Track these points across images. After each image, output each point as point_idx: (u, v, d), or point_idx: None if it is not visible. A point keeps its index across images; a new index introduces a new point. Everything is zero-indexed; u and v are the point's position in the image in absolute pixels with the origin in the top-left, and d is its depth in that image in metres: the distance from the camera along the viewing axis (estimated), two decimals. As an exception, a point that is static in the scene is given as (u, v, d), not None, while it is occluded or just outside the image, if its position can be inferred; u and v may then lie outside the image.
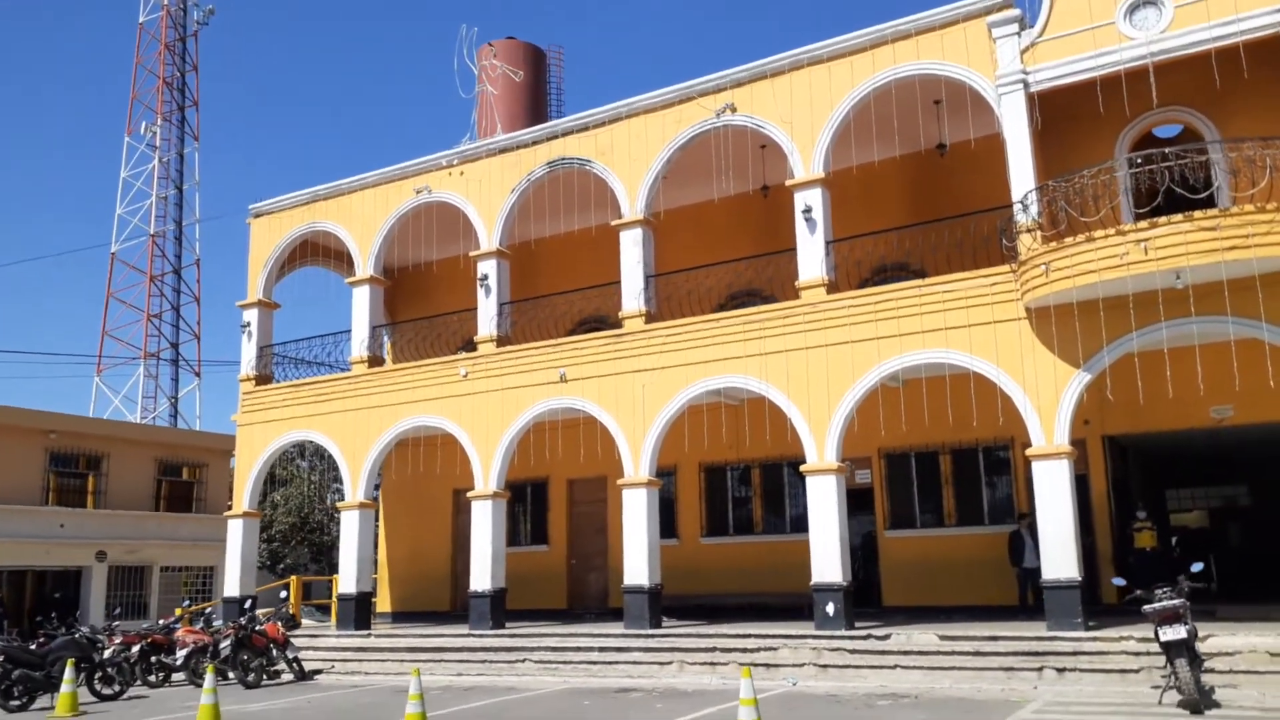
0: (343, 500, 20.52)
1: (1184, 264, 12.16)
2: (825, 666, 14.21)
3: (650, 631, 16.12)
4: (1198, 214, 12.23)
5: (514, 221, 19.30)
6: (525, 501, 22.12)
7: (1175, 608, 10.33)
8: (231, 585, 20.96)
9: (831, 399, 15.34)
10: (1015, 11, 14.57)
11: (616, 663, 15.79)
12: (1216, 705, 10.41)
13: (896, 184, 18.34)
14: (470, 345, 19.94)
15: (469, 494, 18.70)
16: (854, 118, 16.04)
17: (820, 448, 15.37)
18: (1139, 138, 15.88)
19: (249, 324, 21.76)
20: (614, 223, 17.82)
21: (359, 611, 19.44)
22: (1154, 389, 14.05)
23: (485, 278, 18.99)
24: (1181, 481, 26.06)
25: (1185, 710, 10.15)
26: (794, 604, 17.20)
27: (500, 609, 18.07)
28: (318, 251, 22.58)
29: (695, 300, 17.49)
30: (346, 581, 19.63)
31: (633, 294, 17.34)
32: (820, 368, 15.48)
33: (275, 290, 22.19)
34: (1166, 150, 12.85)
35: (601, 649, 16.11)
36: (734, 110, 16.74)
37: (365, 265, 20.56)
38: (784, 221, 17.07)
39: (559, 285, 19.93)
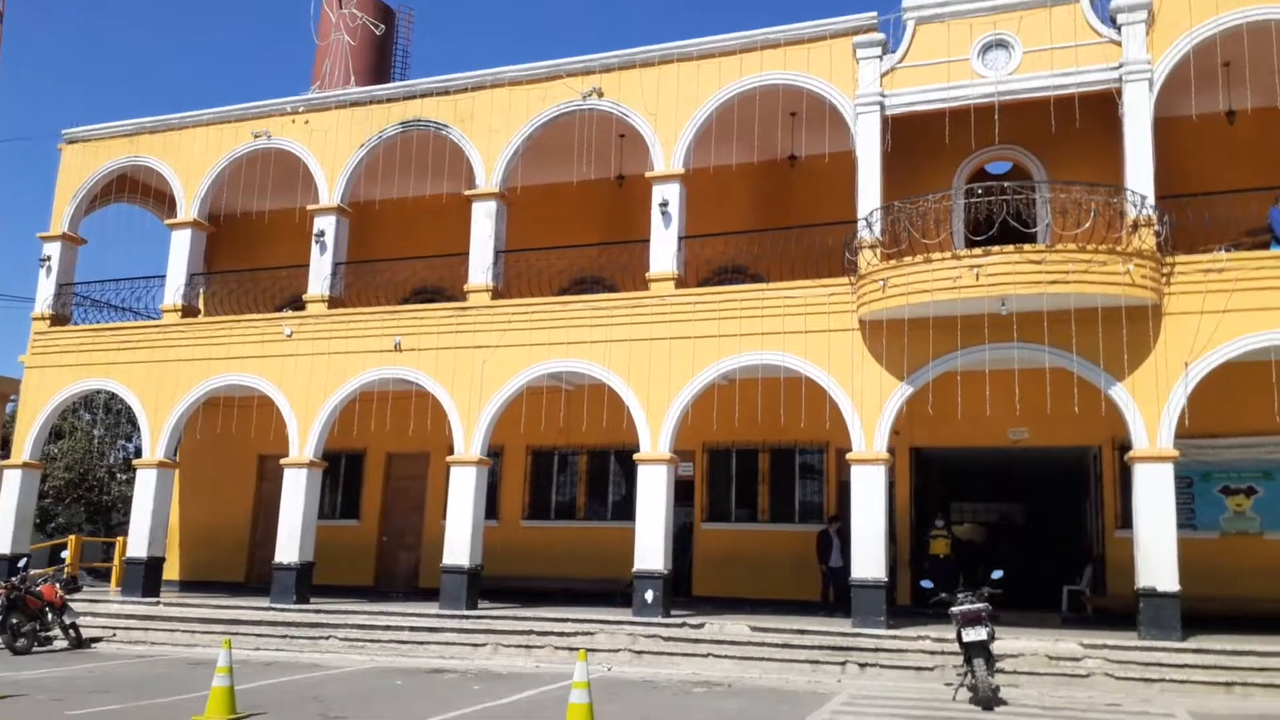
0: (136, 458, 19.07)
1: (1010, 292, 13.07)
2: (640, 653, 14.40)
3: (465, 613, 15.84)
4: (1026, 247, 13.17)
5: (359, 179, 18.49)
6: (338, 473, 21.23)
7: (979, 611, 11.08)
8: (3, 542, 19.08)
9: (671, 390, 15.55)
10: (879, 35, 15.22)
11: (428, 643, 15.44)
12: (1003, 703, 11.20)
13: (747, 188, 18.75)
14: (296, 304, 18.96)
15: (282, 461, 17.77)
16: (717, 118, 16.30)
17: (655, 438, 15.54)
18: (975, 170, 16.94)
19: (49, 258, 19.85)
20: (468, 192, 17.36)
21: (148, 577, 18.10)
22: (966, 407, 14.98)
23: (322, 234, 18.09)
24: (965, 495, 28.01)
25: (979, 707, 10.90)
26: (607, 590, 17.42)
27: (306, 583, 17.29)
28: (136, 188, 20.83)
29: (545, 280, 17.29)
30: (137, 544, 18.24)
31: (481, 268, 16.96)
32: (663, 359, 15.65)
33: (82, 225, 20.36)
34: (1005, 184, 13.79)
35: (413, 629, 15.71)
36: (601, 95, 16.66)
37: (189, 208, 19.17)
38: (635, 212, 17.15)
39: (399, 250, 19.24)
